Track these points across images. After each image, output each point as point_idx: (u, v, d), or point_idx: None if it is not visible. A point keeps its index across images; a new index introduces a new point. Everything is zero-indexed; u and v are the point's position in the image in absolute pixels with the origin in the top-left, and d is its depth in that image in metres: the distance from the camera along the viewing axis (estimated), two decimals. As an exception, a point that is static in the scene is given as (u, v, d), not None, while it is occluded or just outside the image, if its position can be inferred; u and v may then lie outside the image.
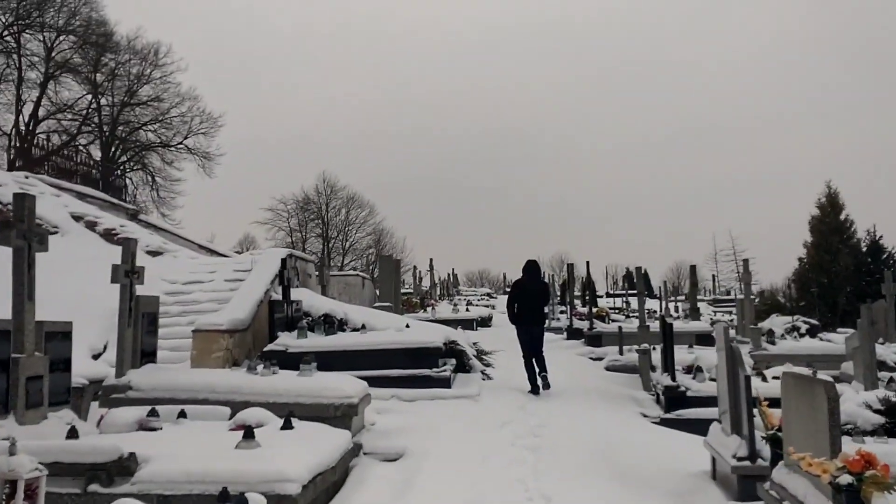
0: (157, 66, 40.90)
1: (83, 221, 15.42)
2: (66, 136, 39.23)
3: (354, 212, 57.12)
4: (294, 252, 15.08)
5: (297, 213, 56.23)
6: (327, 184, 56.58)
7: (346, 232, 57.36)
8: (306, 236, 56.84)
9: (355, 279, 21.42)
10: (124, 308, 8.53)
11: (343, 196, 56.89)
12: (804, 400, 5.26)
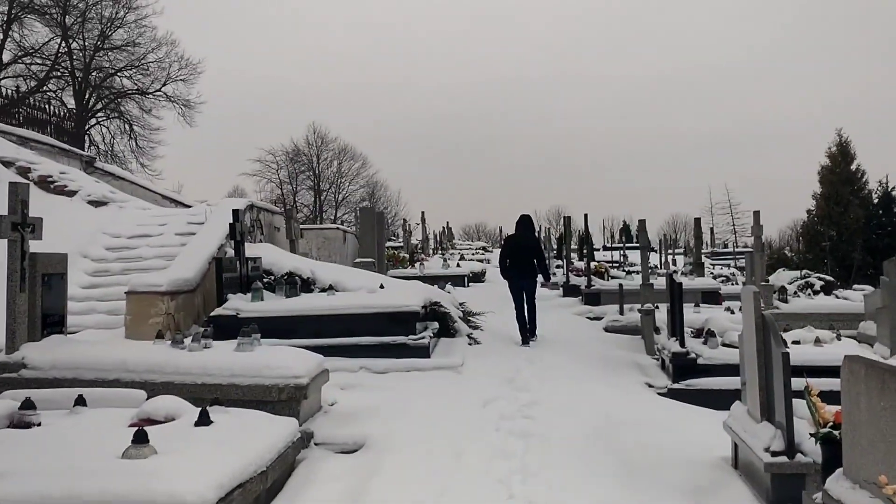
0: (131, 8, 38.73)
1: (14, 167, 13.76)
2: (35, 81, 37.25)
3: (347, 164, 55.67)
4: (256, 203, 13.47)
5: (286, 165, 54.70)
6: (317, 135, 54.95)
7: (338, 185, 55.89)
8: (297, 189, 55.27)
9: (334, 233, 19.85)
10: (14, 268, 6.93)
11: (335, 148, 55.36)
12: (886, 398, 3.68)
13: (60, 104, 37.12)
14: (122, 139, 39.97)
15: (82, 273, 11.56)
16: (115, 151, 39.71)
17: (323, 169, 55.23)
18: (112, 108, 40.07)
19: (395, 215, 55.02)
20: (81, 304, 10.80)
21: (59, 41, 37.57)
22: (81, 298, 10.96)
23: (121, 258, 11.90)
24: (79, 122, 38.63)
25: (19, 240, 6.97)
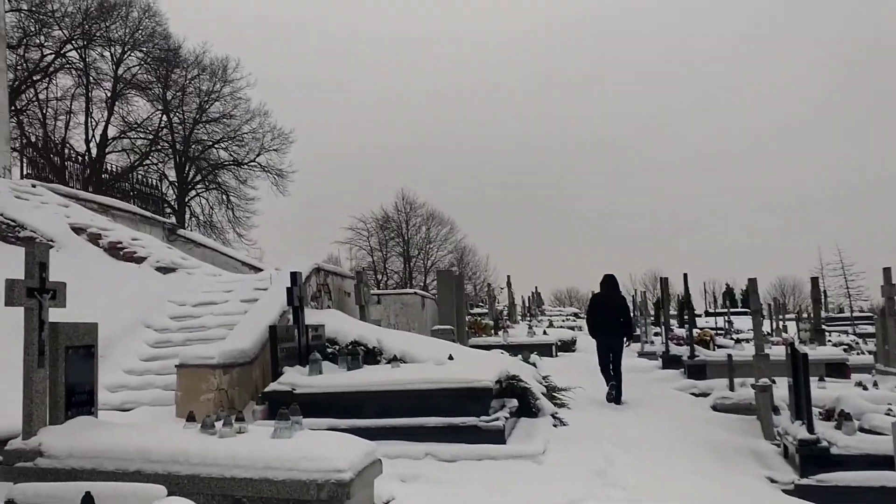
0: (227, 81, 39.83)
1: (85, 234, 13.44)
2: (138, 155, 38.41)
3: (435, 229, 55.45)
4: (323, 266, 12.69)
5: (377, 232, 54.86)
6: (406, 201, 55.00)
7: (427, 250, 55.62)
8: (387, 255, 55.29)
9: (413, 298, 18.96)
10: (30, 340, 6.15)
11: (423, 213, 55.29)
12: None
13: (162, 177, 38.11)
14: (220, 209, 40.68)
15: (144, 344, 10.92)
16: (214, 222, 40.40)
17: (412, 235, 55.25)
18: (210, 180, 40.88)
19: (482, 281, 54.21)
20: (139, 378, 10.10)
21: (161, 116, 38.76)
22: (140, 372, 10.28)
23: (184, 327, 11.23)
24: (180, 193, 39.57)
25: (37, 308, 6.21)
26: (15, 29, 31.71)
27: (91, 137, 36.63)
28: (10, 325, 7.62)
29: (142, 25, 36.64)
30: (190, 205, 39.95)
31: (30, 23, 32.91)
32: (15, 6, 31.24)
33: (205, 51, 38.81)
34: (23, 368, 6.20)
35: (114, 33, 35.78)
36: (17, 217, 13.18)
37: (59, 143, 34.43)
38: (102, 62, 36.18)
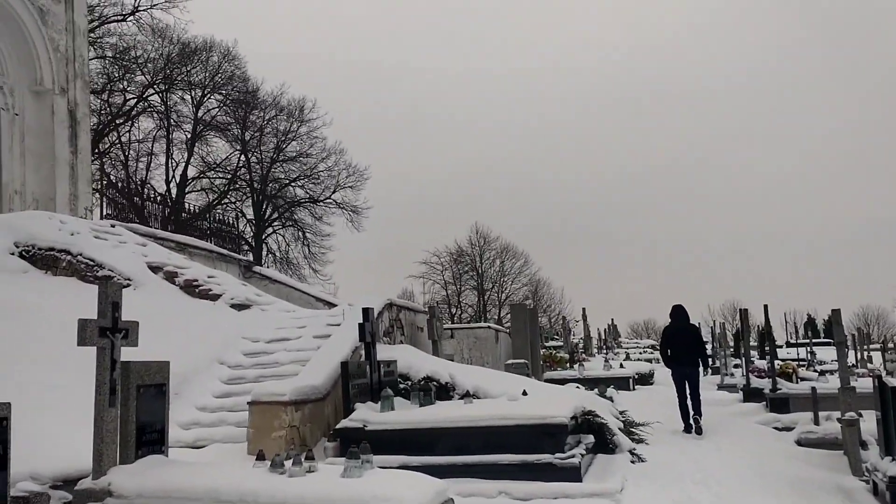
0: (303, 121, 40.65)
1: (162, 272, 13.74)
2: (217, 194, 39.43)
3: (509, 262, 55.28)
4: (395, 301, 12.68)
5: (451, 266, 54.93)
6: (480, 234, 55.00)
7: (501, 284, 55.45)
8: (461, 289, 55.31)
9: (486, 332, 18.80)
10: (102, 380, 6.22)
11: (496, 247, 55.22)
12: None
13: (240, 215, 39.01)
14: (296, 246, 41.35)
15: (218, 381, 11.02)
16: (290, 258, 41.08)
17: (486, 269, 55.21)
18: (286, 217, 41.63)
19: (557, 313, 53.64)
20: (213, 415, 10.18)
21: (239, 155, 39.77)
22: (214, 409, 10.35)
23: (257, 364, 11.31)
24: (257, 230, 40.40)
25: (109, 347, 6.29)
26: (99, 75, 33.08)
27: (171, 178, 37.81)
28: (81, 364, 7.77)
29: (221, 69, 37.82)
30: (267, 242, 40.73)
31: (114, 69, 34.34)
32: (100, 54, 32.61)
33: (282, 92, 39.77)
34: (94, 407, 6.27)
35: (194, 77, 37.02)
36: (95, 257, 13.55)
37: (140, 184, 35.59)
38: (183, 105, 37.48)
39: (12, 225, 14.38)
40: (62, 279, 13.35)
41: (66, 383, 9.25)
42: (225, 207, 38.49)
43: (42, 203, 18.29)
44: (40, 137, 18.72)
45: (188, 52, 36.52)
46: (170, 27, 34.97)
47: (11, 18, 18.08)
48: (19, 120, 18.38)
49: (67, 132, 19.29)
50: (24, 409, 6.26)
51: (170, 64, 35.78)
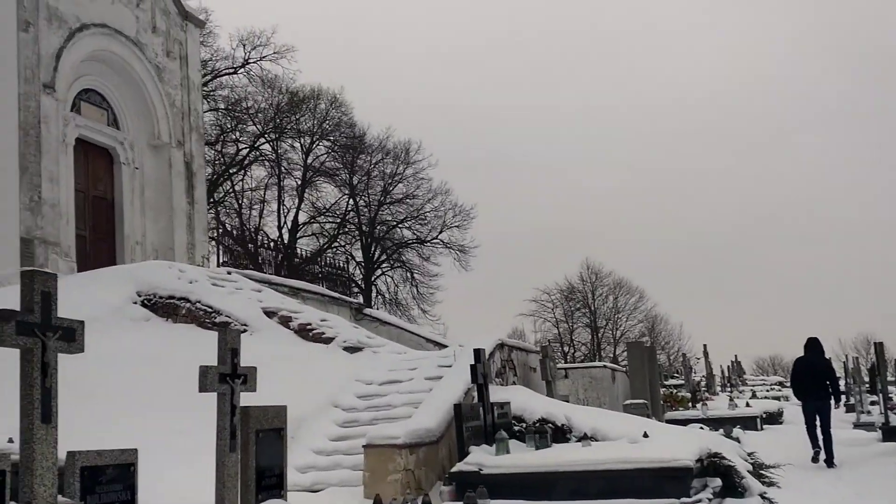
0: (409, 163, 41.16)
1: (276, 317, 13.97)
2: (327, 238, 40.27)
3: (623, 298, 53.92)
4: (506, 341, 12.45)
5: (561, 303, 54.15)
6: (591, 270, 53.93)
7: (614, 320, 54.23)
8: (573, 326, 54.39)
9: (602, 372, 18.29)
10: (223, 425, 6.23)
11: (609, 282, 53.97)
12: None
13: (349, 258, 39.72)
14: (405, 287, 41.65)
15: (332, 424, 11.01)
16: (399, 299, 41.39)
17: (598, 305, 54.03)
18: (395, 258, 42.08)
19: (676, 350, 51.90)
20: (328, 458, 10.14)
21: (347, 199, 40.58)
22: (329, 452, 10.32)
23: (370, 406, 11.25)
24: (366, 273, 40.98)
25: (229, 393, 6.32)
26: (213, 127, 34.49)
27: (283, 224, 38.82)
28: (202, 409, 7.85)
29: (329, 116, 38.81)
30: (376, 283, 41.20)
31: (226, 120, 35.74)
32: (213, 106, 34.01)
33: (388, 135, 40.38)
34: (215, 453, 6.29)
35: (303, 125, 38.10)
36: (213, 303, 13.93)
37: (254, 231, 36.69)
38: (293, 152, 38.55)
39: (135, 275, 14.94)
40: (182, 326, 13.74)
41: (188, 428, 9.40)
42: (335, 251, 39.23)
43: (161, 253, 19.01)
44: (159, 189, 19.55)
45: (297, 101, 37.64)
46: (279, 77, 36.20)
47: (130, 77, 19.01)
48: (139, 174, 19.23)
49: (184, 184, 20.07)
50: (149, 454, 6.34)
51: (279, 113, 36.97)
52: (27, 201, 15.58)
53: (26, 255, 15.31)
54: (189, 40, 21.21)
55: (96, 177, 18.45)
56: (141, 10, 19.42)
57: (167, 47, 20.22)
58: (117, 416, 9.65)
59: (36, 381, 4.75)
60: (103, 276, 15.21)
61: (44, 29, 16.50)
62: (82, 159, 17.93)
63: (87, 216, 17.97)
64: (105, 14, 18.20)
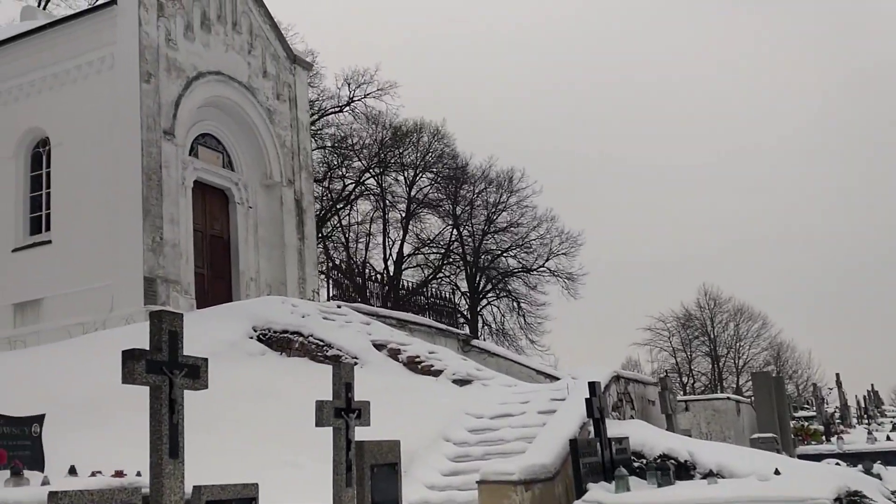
0: (513, 191, 41.03)
1: (385, 350, 14.04)
2: (431, 269, 40.50)
3: (744, 325, 51.49)
4: (622, 373, 12.11)
5: (678, 331, 52.31)
6: (709, 297, 51.90)
7: (737, 349, 51.91)
8: (692, 356, 52.48)
9: (725, 404, 17.55)
10: (339, 460, 6.25)
11: (729, 309, 51.70)
12: None
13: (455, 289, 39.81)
14: (511, 317, 41.30)
15: (444, 458, 10.92)
16: (506, 329, 41.08)
17: (718, 333, 51.79)
18: (500, 288, 41.87)
19: (805, 380, 49.27)
20: (441, 493, 10.03)
21: (451, 230, 40.76)
22: (442, 487, 10.21)
23: (482, 441, 11.11)
24: (472, 303, 40.94)
25: (344, 428, 6.35)
26: (320, 164, 35.40)
27: (388, 256, 39.32)
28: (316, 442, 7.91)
29: (431, 148, 39.25)
30: (482, 314, 41.04)
31: (333, 157, 36.68)
32: (320, 144, 34.93)
33: (490, 164, 40.44)
34: (332, 487, 6.32)
35: (406, 158, 38.68)
36: (324, 337, 14.16)
37: (361, 264, 37.29)
38: (397, 186, 39.13)
39: (250, 310, 15.36)
40: (295, 360, 14.00)
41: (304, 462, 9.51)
42: (440, 282, 39.40)
43: (274, 288, 19.50)
44: (271, 227, 20.13)
45: (400, 135, 38.28)
46: (382, 113, 36.96)
47: (243, 120, 19.72)
48: (252, 212, 19.85)
49: (295, 220, 20.59)
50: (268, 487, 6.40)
51: (383, 148, 37.66)
52: (150, 242, 16.25)
53: (149, 293, 15.94)
54: (298, 83, 21.87)
55: (213, 216, 19.13)
56: (252, 56, 20.15)
57: (277, 90, 20.88)
58: (236, 448, 9.84)
59: (164, 417, 4.89)
60: (221, 312, 15.70)
61: (164, 79, 17.30)
62: (200, 200, 18.64)
63: (204, 254, 18.64)
64: (219, 62, 18.97)
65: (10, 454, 7.86)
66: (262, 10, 20.64)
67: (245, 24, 20.14)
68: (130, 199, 16.40)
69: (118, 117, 16.89)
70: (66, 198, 17.46)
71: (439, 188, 39.87)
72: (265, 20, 20.80)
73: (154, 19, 17.28)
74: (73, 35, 17.92)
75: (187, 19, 18.30)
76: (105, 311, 15.85)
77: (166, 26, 17.61)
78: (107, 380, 9.97)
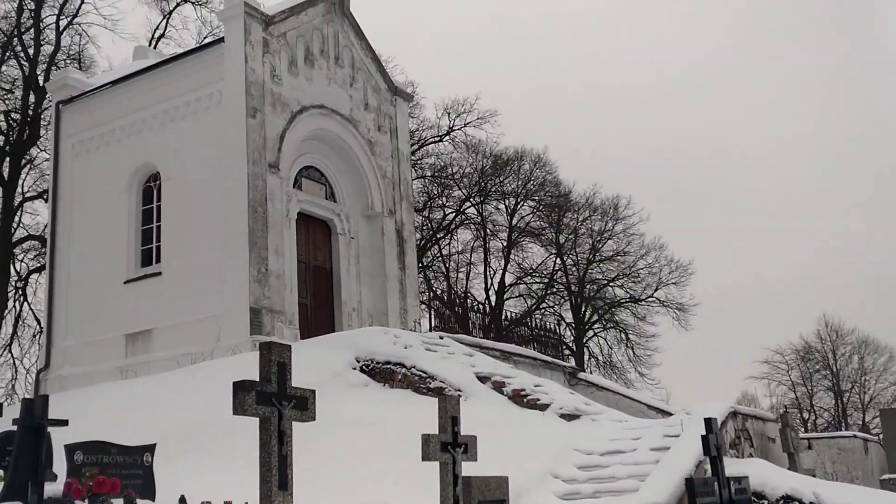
0: (619, 219, 40.25)
1: (490, 382, 13.74)
2: (534, 299, 40.01)
3: (870, 358, 48.93)
4: (739, 409, 11.45)
5: (797, 365, 50.08)
6: (830, 328, 49.50)
7: (861, 383, 49.28)
8: (813, 390, 50.09)
9: (851, 442, 16.43)
10: (446, 495, 6.02)
11: (852, 341, 49.21)
12: None
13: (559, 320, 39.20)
14: (619, 349, 40.37)
15: (552, 495, 10.52)
16: (613, 362, 40.15)
17: (841, 366, 49.22)
18: (607, 319, 40.99)
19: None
20: (550, 531, 9.66)
21: (554, 259, 40.24)
22: (550, 525, 9.84)
23: (592, 478, 10.66)
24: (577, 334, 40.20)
25: (451, 462, 6.12)
26: (420, 194, 35.61)
27: (490, 286, 39.06)
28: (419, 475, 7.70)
29: (533, 176, 38.93)
30: (588, 345, 40.24)
31: (433, 187, 36.86)
32: (420, 174, 35.15)
33: (595, 192, 39.78)
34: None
35: (507, 186, 38.47)
36: (427, 368, 13.99)
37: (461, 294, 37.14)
38: (498, 214, 38.95)
39: (353, 341, 15.36)
40: (398, 391, 13.87)
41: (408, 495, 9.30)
42: (543, 312, 38.84)
43: (376, 318, 19.53)
44: (372, 257, 20.23)
45: (501, 164, 38.13)
46: (482, 142, 36.95)
47: (345, 152, 19.96)
48: (354, 243, 20.00)
49: (396, 250, 20.63)
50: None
51: (484, 176, 37.58)
52: (255, 273, 16.51)
53: (255, 323, 16.17)
54: (398, 114, 22.04)
55: (316, 247, 19.35)
56: (354, 89, 20.42)
57: (378, 122, 21.07)
58: (341, 481, 9.72)
59: (273, 448, 4.87)
60: (324, 342, 15.77)
61: (269, 114, 17.67)
62: (303, 231, 18.89)
63: (307, 285, 18.84)
64: (322, 96, 19.28)
65: (123, 483, 7.92)
66: (363, 43, 20.93)
67: (347, 57, 20.45)
68: (237, 232, 16.74)
69: (225, 152, 17.31)
70: (176, 230, 17.98)
71: (541, 216, 39.46)
72: (366, 53, 21.08)
73: (259, 56, 17.71)
74: (183, 73, 18.55)
75: (291, 55, 18.68)
76: (212, 341, 16.13)
77: (271, 62, 18.01)
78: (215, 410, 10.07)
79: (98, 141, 19.71)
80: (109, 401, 14.02)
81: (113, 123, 19.42)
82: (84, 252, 19.17)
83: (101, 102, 19.85)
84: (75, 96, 20.22)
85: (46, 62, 28.58)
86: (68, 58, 29.25)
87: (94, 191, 19.44)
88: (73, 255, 19.39)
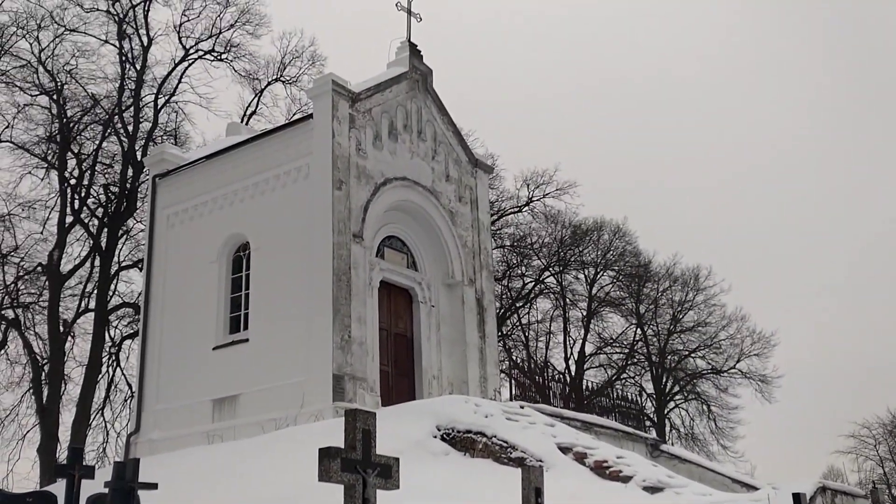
0: (699, 290, 39.82)
1: (571, 453, 13.58)
2: (615, 370, 39.49)
3: (959, 433, 46.82)
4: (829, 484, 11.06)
5: (885, 439, 48.06)
6: (919, 400, 47.57)
7: (951, 459, 47.08)
8: (902, 465, 47.93)
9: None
10: (528, 570, 5.99)
11: (944, 414, 47.12)
12: None
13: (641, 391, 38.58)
14: (701, 420, 39.52)
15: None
16: (695, 433, 39.27)
17: (932, 441, 47.17)
18: (688, 390, 40.22)
19: None
20: None
21: (635, 329, 39.82)
22: None
23: (677, 554, 10.41)
24: (658, 405, 39.45)
25: (532, 536, 6.10)
26: (500, 263, 35.81)
27: (569, 355, 38.76)
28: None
29: (612, 246, 38.92)
30: (669, 417, 39.42)
31: (512, 256, 37.09)
32: (499, 244, 35.41)
33: (675, 262, 39.58)
34: None
35: (587, 256, 38.49)
36: (508, 438, 13.92)
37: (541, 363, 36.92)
38: (577, 284, 38.92)
39: (434, 409, 15.42)
40: (479, 461, 13.81)
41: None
42: (623, 383, 38.38)
43: (456, 386, 19.57)
44: (452, 325, 20.37)
45: (580, 234, 38.21)
46: (561, 212, 37.13)
47: (427, 222, 20.35)
48: (435, 311, 20.21)
49: (476, 319, 20.76)
50: None
51: (563, 246, 37.67)
52: (339, 340, 16.82)
53: (338, 390, 16.40)
54: (479, 185, 22.42)
55: (397, 315, 19.63)
56: (436, 162, 20.91)
57: (459, 193, 21.46)
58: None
59: None
60: (405, 410, 15.85)
61: (354, 186, 18.22)
62: (385, 300, 19.21)
63: (389, 352, 19.06)
64: (405, 168, 19.81)
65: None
66: (445, 118, 21.48)
67: (429, 131, 20.99)
68: (321, 299, 17.12)
69: (312, 222, 17.84)
70: (263, 298, 18.47)
71: (621, 286, 39.29)
72: (448, 127, 21.60)
73: (346, 131, 18.35)
74: (273, 148, 19.30)
75: (376, 130, 19.30)
76: (296, 406, 16.38)
77: (357, 137, 18.63)
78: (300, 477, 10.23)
79: (191, 212, 20.54)
80: (198, 466, 14.34)
81: (206, 196, 20.23)
82: (175, 319, 19.81)
83: (194, 176, 20.73)
84: (171, 170, 21.15)
85: (144, 138, 30.07)
86: (165, 134, 30.72)
87: (186, 260, 20.17)
88: (165, 322, 20.04)
